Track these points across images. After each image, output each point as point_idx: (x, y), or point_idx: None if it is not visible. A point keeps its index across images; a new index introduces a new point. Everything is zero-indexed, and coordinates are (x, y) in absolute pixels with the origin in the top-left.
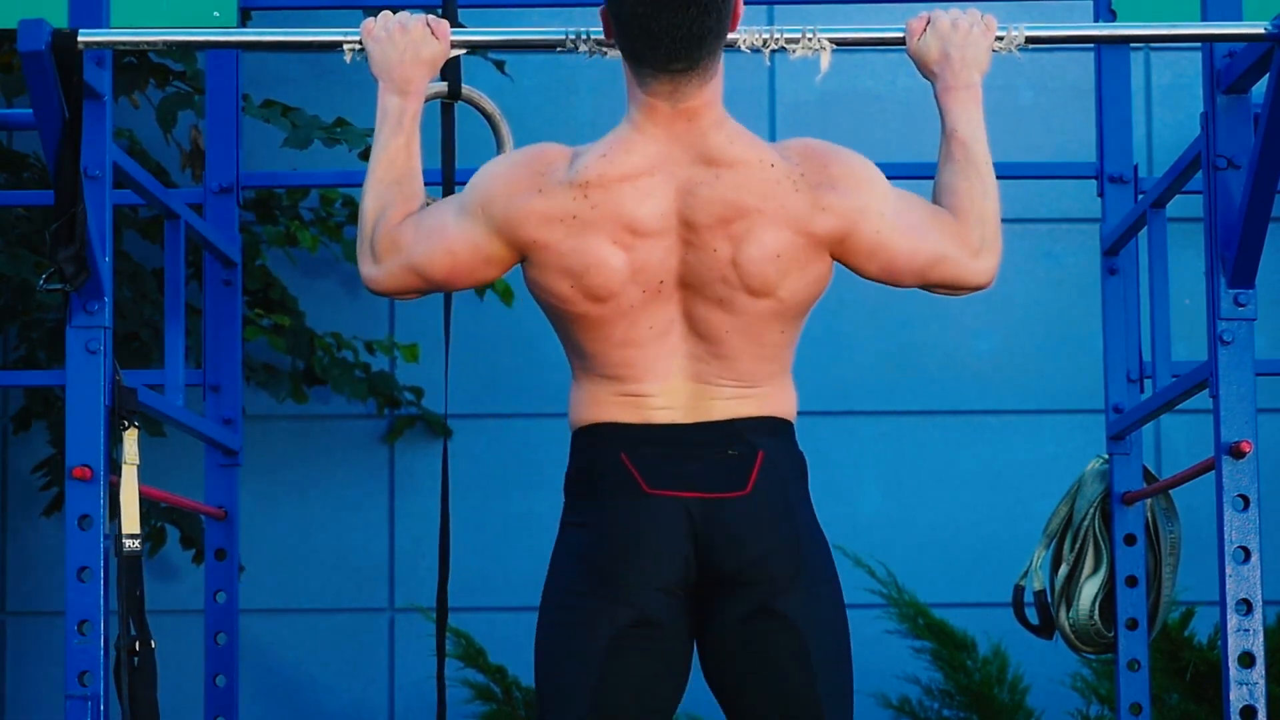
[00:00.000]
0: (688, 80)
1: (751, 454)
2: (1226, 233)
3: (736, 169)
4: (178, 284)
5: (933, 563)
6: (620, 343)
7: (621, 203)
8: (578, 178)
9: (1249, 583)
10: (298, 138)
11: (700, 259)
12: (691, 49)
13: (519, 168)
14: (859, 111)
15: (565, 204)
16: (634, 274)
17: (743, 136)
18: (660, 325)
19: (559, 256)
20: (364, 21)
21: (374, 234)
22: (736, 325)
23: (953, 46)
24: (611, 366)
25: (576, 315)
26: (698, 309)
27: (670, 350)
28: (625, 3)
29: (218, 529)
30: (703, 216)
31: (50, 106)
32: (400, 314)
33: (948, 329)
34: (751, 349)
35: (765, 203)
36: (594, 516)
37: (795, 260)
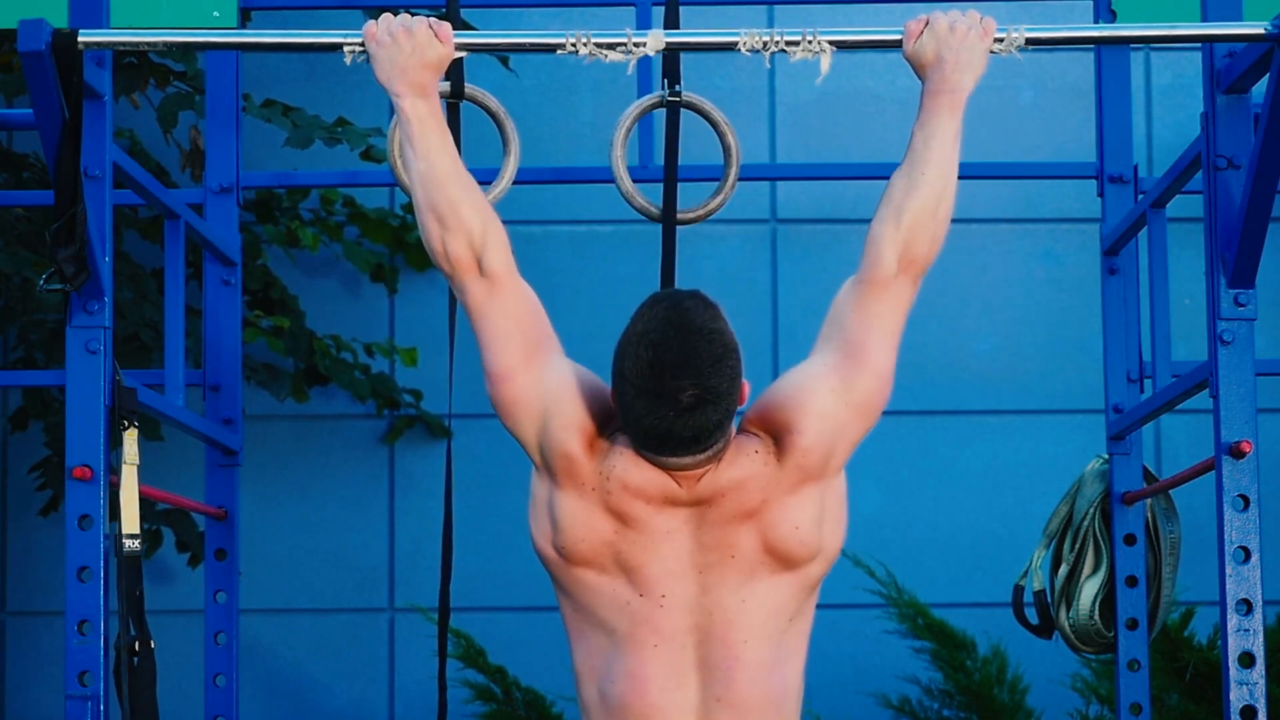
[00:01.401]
0: (698, 462)
1: None
2: (1226, 233)
3: (735, 484)
4: (178, 284)
5: (933, 563)
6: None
7: (631, 508)
8: (612, 471)
9: (1249, 583)
10: (299, 137)
11: (722, 574)
12: (697, 447)
13: (599, 413)
14: (859, 111)
15: (593, 475)
16: (622, 564)
17: (731, 451)
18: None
19: (557, 501)
20: (366, 25)
21: (485, 234)
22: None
23: (948, 49)
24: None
25: (565, 572)
26: (712, 626)
27: (676, 699)
28: (631, 410)
29: (218, 529)
30: (716, 531)
31: (50, 106)
32: (400, 316)
33: (948, 329)
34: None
35: (769, 491)
36: None
37: (818, 511)
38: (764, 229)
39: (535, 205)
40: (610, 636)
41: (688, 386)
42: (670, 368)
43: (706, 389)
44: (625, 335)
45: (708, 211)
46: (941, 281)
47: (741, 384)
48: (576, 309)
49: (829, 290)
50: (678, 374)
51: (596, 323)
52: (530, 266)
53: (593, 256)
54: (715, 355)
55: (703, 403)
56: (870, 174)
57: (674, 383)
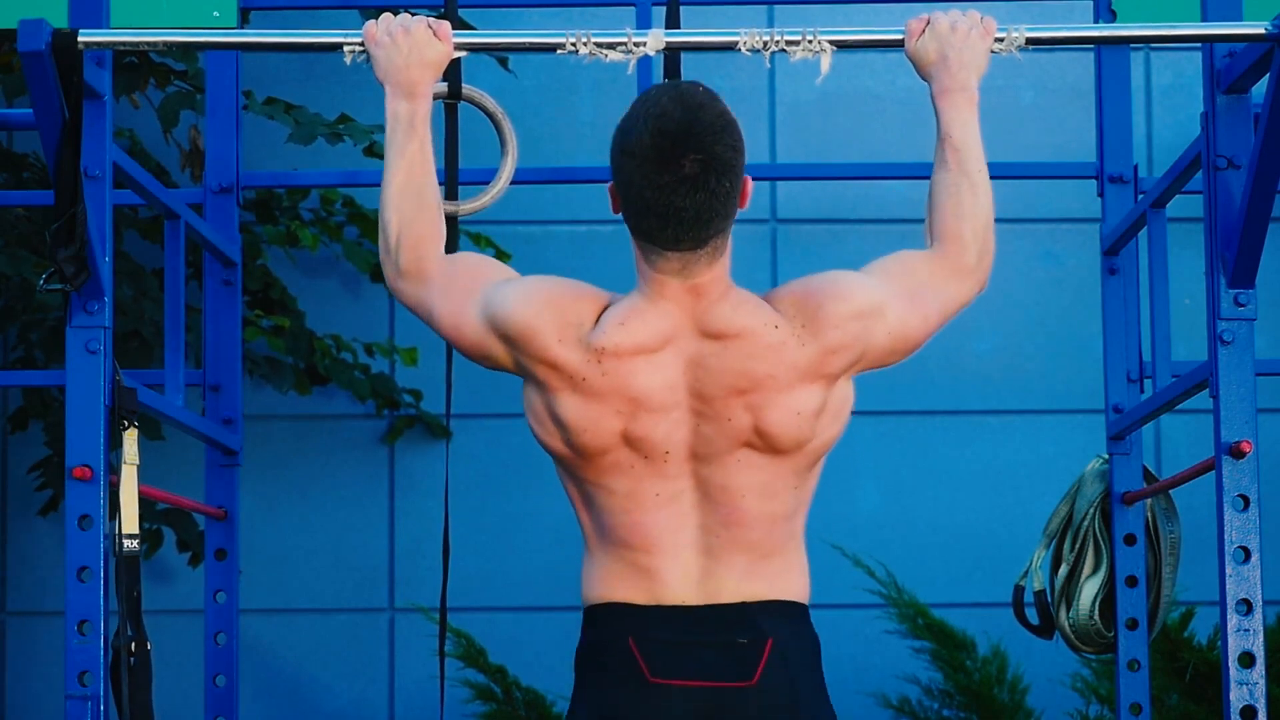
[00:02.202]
0: (696, 259)
1: (761, 641)
2: (1226, 233)
3: (743, 339)
4: (178, 284)
5: (933, 563)
6: (625, 503)
7: (632, 376)
8: (595, 343)
9: (1249, 583)
10: (301, 134)
11: (716, 429)
12: (700, 230)
13: (551, 309)
14: (859, 111)
15: (579, 363)
16: (631, 442)
17: (746, 303)
18: (667, 494)
19: (556, 406)
20: (365, 25)
21: (398, 247)
22: (754, 484)
23: (950, 49)
24: (620, 531)
25: (573, 462)
26: (711, 476)
27: (680, 521)
28: (633, 185)
29: (218, 529)
30: (715, 389)
31: (50, 106)
32: (400, 316)
33: (948, 329)
34: (765, 511)
35: (777, 368)
36: (597, 702)
37: (818, 407)
38: (764, 229)
39: (535, 205)
40: (612, 496)
41: (691, 153)
42: (673, 136)
43: (710, 155)
44: (626, 118)
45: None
46: None
47: (744, 176)
48: None
49: None
50: (681, 142)
51: None
52: (530, 267)
53: (593, 256)
54: (719, 125)
55: (707, 171)
56: (870, 174)
57: (677, 150)
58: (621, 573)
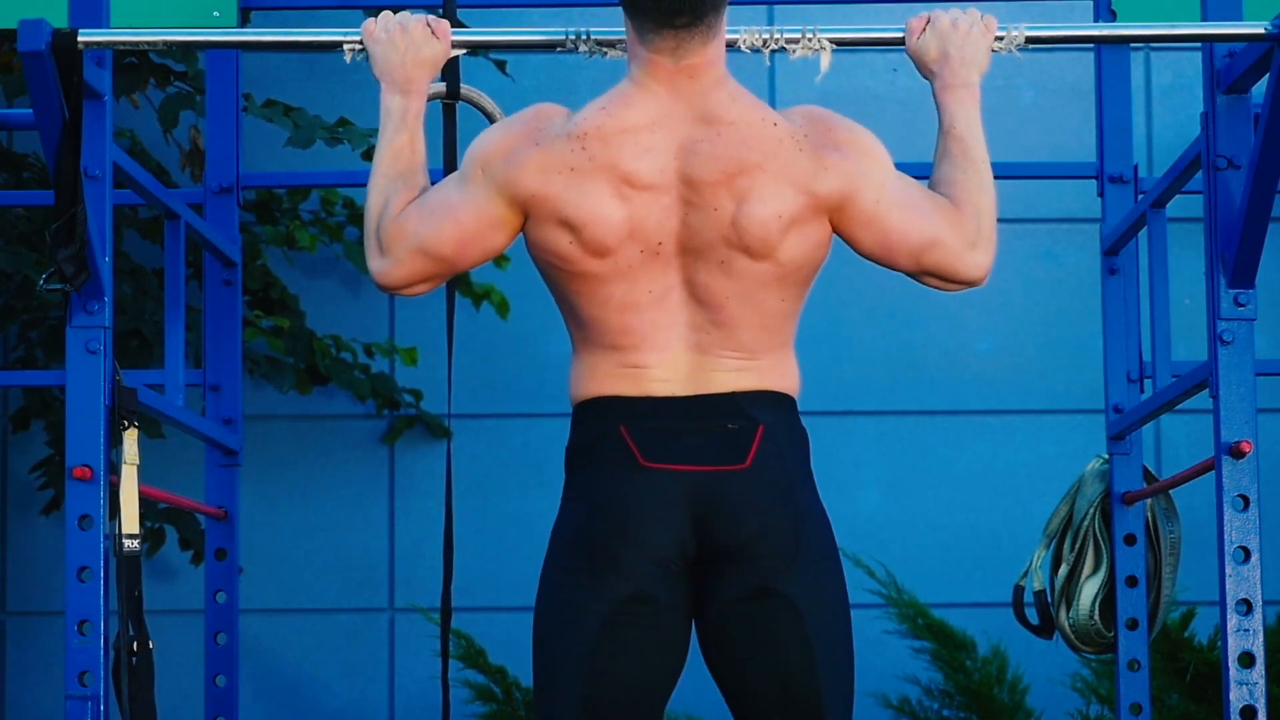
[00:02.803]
0: (690, 36)
1: (751, 428)
2: (1226, 233)
3: (738, 126)
4: (178, 284)
5: (933, 563)
6: (619, 307)
7: (620, 155)
8: (575, 129)
9: (1249, 583)
10: (300, 138)
11: (702, 219)
12: (696, 4)
13: (514, 125)
14: (859, 111)
15: (563, 155)
16: (632, 230)
17: (745, 96)
18: (659, 289)
19: (557, 208)
20: (364, 22)
21: (379, 226)
22: (737, 290)
23: (952, 46)
24: (610, 334)
25: (576, 274)
26: (698, 274)
27: (670, 318)
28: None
29: (218, 529)
30: (704, 173)
31: (50, 106)
32: (400, 316)
33: (948, 329)
34: (752, 317)
35: (768, 160)
36: (591, 490)
37: (796, 220)
38: None
39: None
40: (607, 303)
41: None
42: None
43: None
44: None
45: None
46: None
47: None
48: None
49: (828, 290)
50: None
51: None
52: (530, 266)
53: None
54: None
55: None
56: None
57: None
58: (611, 370)
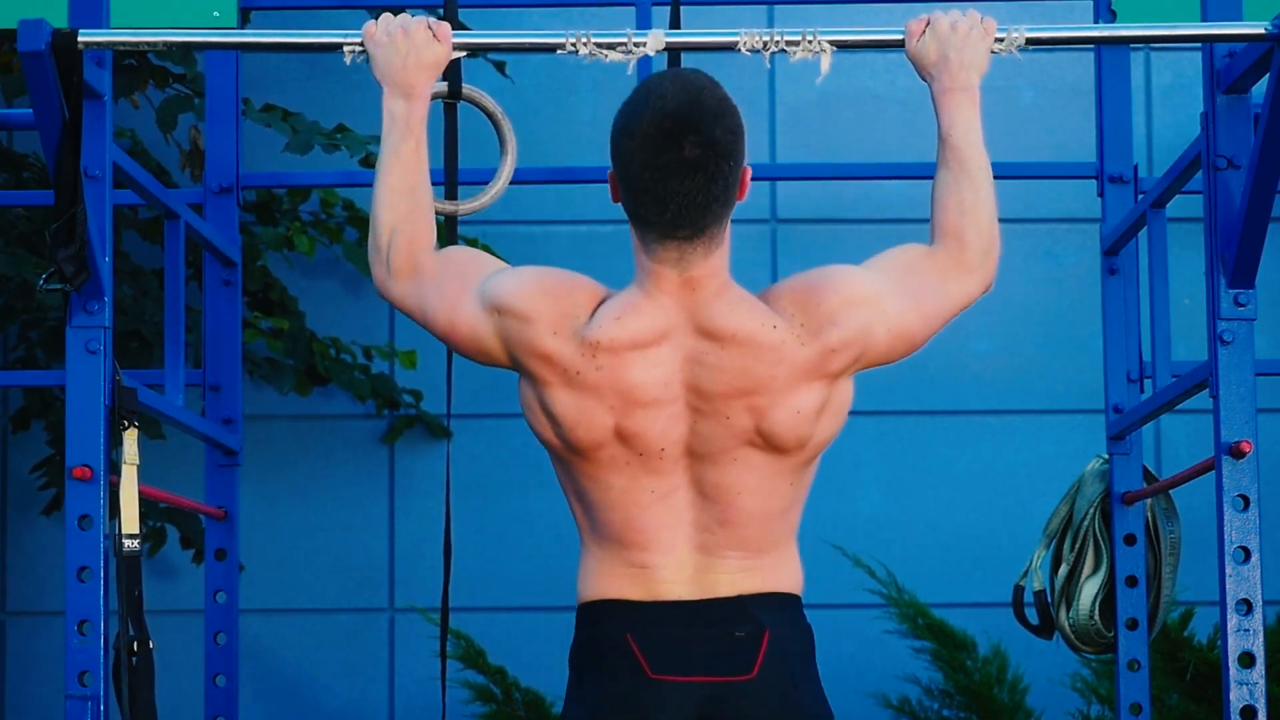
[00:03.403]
0: (693, 248)
1: (758, 633)
2: (1226, 233)
3: (740, 338)
4: (178, 284)
5: (933, 563)
6: (620, 499)
7: (626, 371)
8: (590, 336)
9: (1249, 583)
10: (298, 143)
11: (713, 426)
12: (697, 216)
13: (547, 298)
14: (859, 111)
15: (573, 356)
16: (626, 438)
17: (743, 302)
18: (663, 490)
19: (547, 400)
20: (365, 25)
21: (390, 246)
22: (751, 483)
23: (951, 49)
24: (614, 528)
25: (566, 457)
26: (707, 474)
27: (675, 518)
28: (632, 167)
29: (218, 529)
30: (713, 385)
31: (50, 106)
32: (400, 316)
33: (948, 329)
34: (761, 509)
35: (777, 369)
36: (597, 697)
37: (821, 407)
38: (764, 229)
39: (535, 205)
40: (608, 492)
41: (692, 137)
42: (675, 118)
43: (711, 140)
44: (628, 102)
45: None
46: None
47: (744, 165)
48: None
49: None
50: (682, 124)
51: None
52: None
53: (593, 256)
54: (720, 110)
55: (706, 155)
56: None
57: (678, 132)
58: (617, 570)
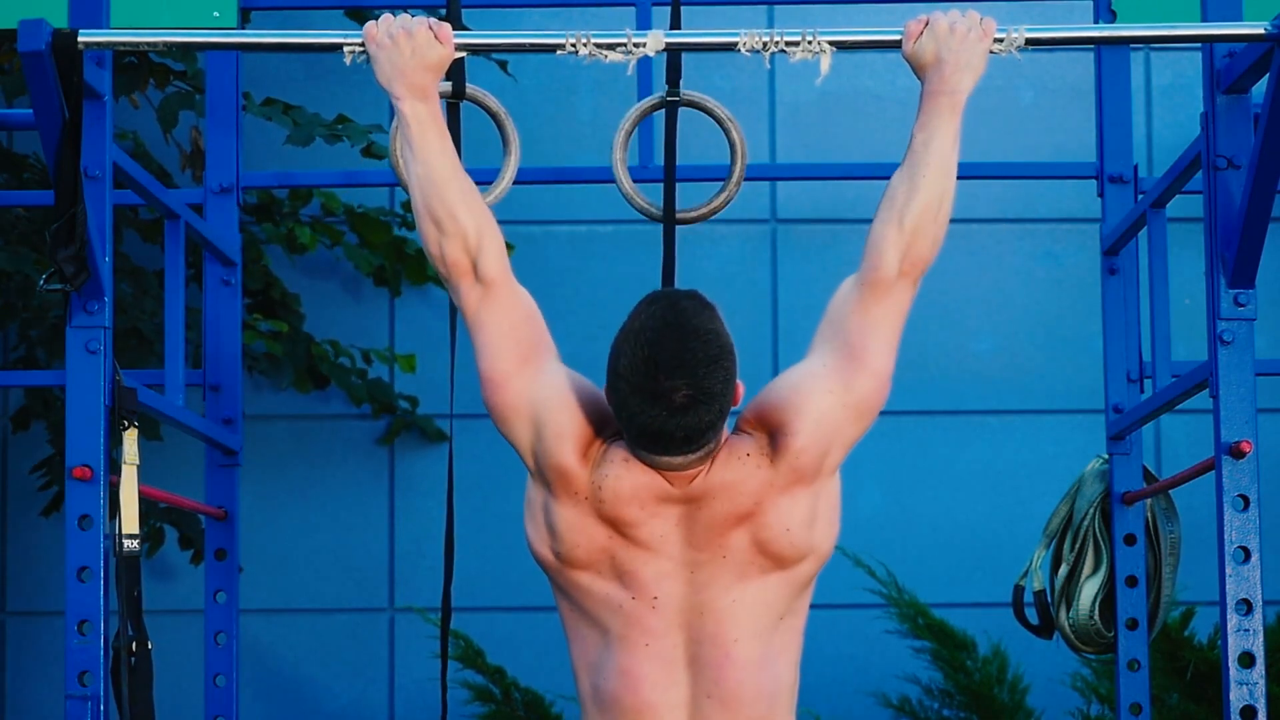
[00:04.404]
0: (685, 460)
1: None
2: (1226, 233)
3: (727, 487)
4: (178, 284)
5: (933, 563)
6: (616, 647)
7: (628, 515)
8: (600, 480)
9: (1249, 583)
10: (299, 135)
11: (712, 572)
12: (689, 446)
13: (594, 421)
14: (859, 111)
15: (586, 485)
16: (620, 573)
17: (723, 452)
18: (656, 646)
19: (553, 512)
20: (366, 26)
21: (480, 249)
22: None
23: (947, 50)
24: (610, 684)
25: (562, 581)
26: (704, 625)
27: (668, 696)
28: (624, 407)
29: (218, 529)
30: (707, 534)
31: (50, 106)
32: (400, 317)
33: (948, 329)
34: (757, 675)
35: (760, 494)
36: None
37: (809, 514)
38: (764, 229)
39: (535, 205)
40: (604, 636)
41: (681, 386)
42: (664, 367)
43: (700, 390)
44: (621, 333)
45: (711, 210)
46: (941, 281)
47: (736, 385)
48: (576, 309)
49: (829, 290)
50: (671, 373)
51: (596, 323)
52: (530, 266)
53: (593, 256)
54: (710, 356)
55: (696, 403)
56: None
57: (667, 382)
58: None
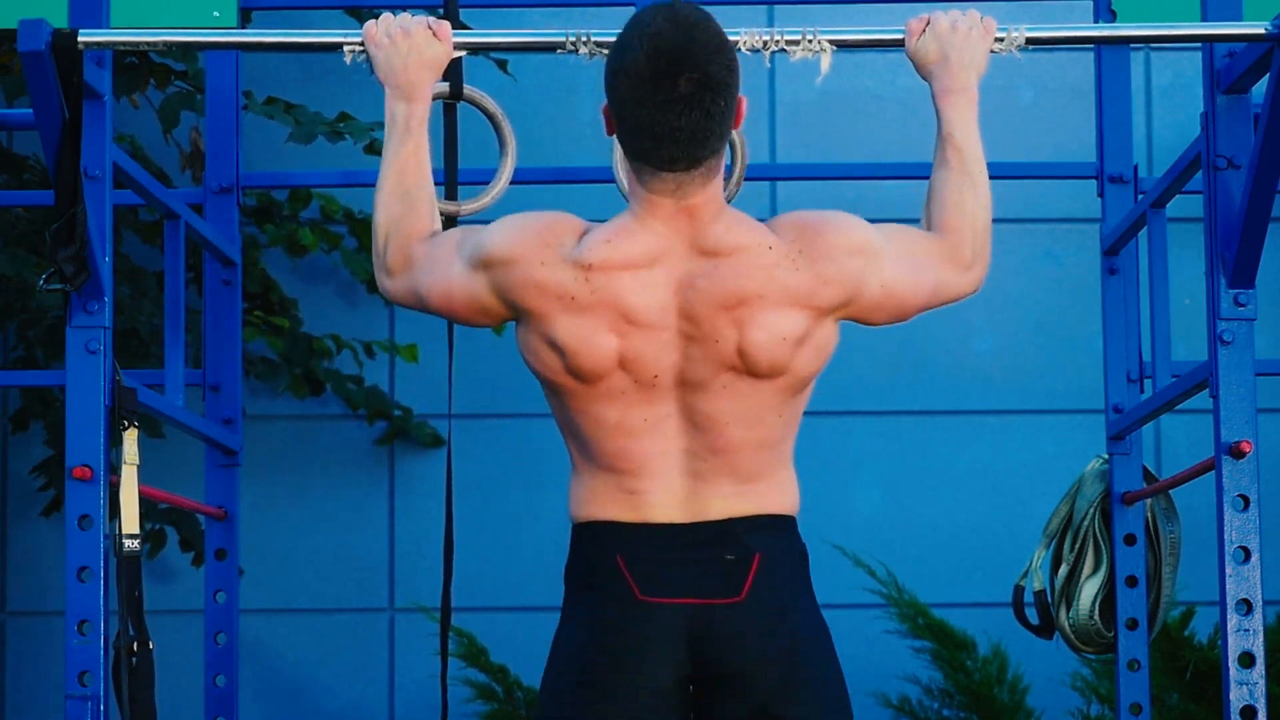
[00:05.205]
0: (690, 178)
1: (748, 557)
2: (1226, 233)
3: (735, 256)
4: (178, 284)
5: (933, 563)
6: (614, 430)
7: (621, 291)
8: (581, 258)
9: (1249, 583)
10: (301, 133)
11: (703, 351)
12: (694, 149)
13: (530, 234)
14: (859, 111)
15: (566, 282)
16: (625, 363)
17: (740, 223)
18: (655, 418)
19: (550, 331)
20: (365, 25)
21: (386, 248)
22: (738, 413)
23: (951, 48)
24: (607, 457)
25: (567, 390)
26: (698, 402)
27: (667, 445)
28: (627, 104)
29: (218, 529)
30: (703, 307)
31: (50, 106)
32: (400, 321)
33: (948, 329)
34: (752, 439)
35: (767, 287)
36: (588, 617)
37: (802, 338)
38: None
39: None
40: (601, 424)
41: (686, 72)
42: (669, 54)
43: (705, 75)
44: (621, 38)
45: None
46: None
47: (739, 98)
48: None
49: None
50: (676, 60)
51: None
52: None
53: None
54: (714, 45)
55: (702, 90)
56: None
57: (673, 68)
58: (609, 494)
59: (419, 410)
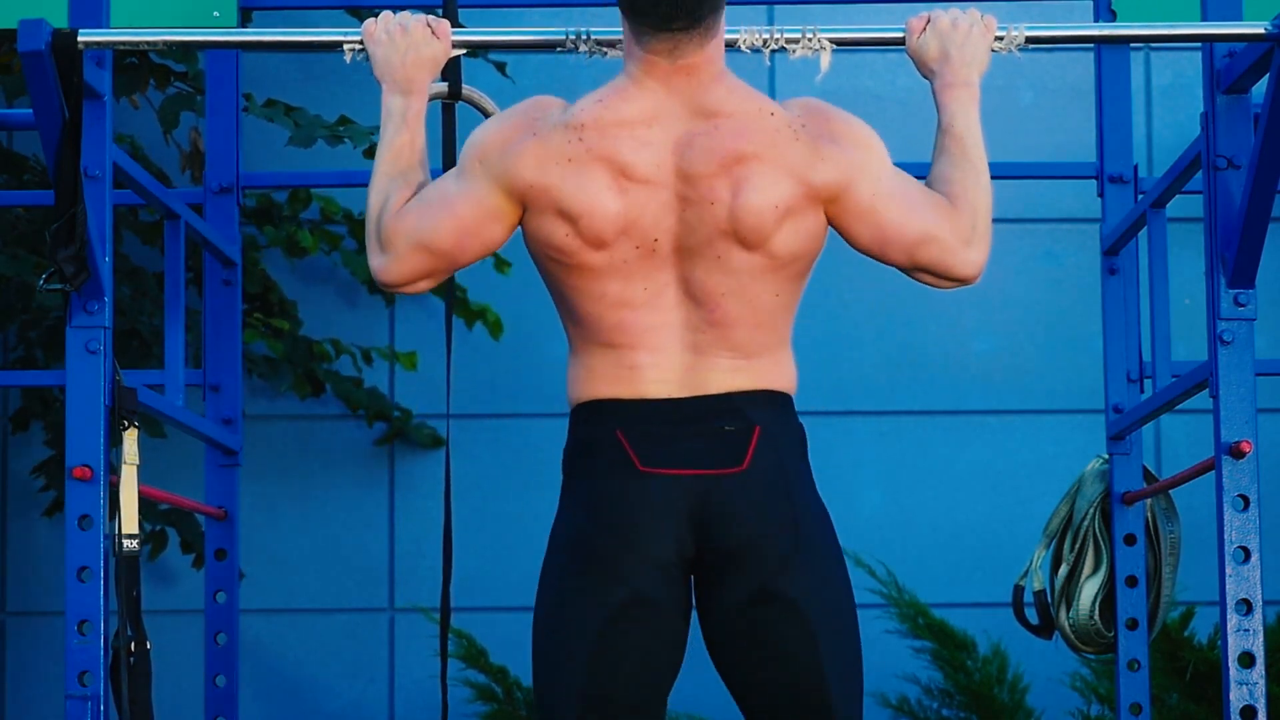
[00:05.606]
0: (688, 38)
1: (748, 430)
2: (1226, 233)
3: (735, 117)
4: (178, 284)
5: (933, 563)
6: (614, 304)
7: (617, 147)
8: (573, 120)
9: (1249, 583)
10: (301, 136)
11: (699, 214)
12: (693, 7)
13: (510, 117)
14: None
15: (560, 145)
16: (628, 224)
17: (742, 88)
18: (654, 287)
19: (556, 199)
20: (365, 23)
21: (379, 223)
22: (732, 286)
23: (952, 46)
24: (606, 332)
25: (573, 268)
26: (694, 271)
27: (665, 318)
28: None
29: (218, 529)
30: (701, 166)
31: (50, 106)
32: (400, 322)
33: (948, 329)
34: (747, 314)
35: (764, 149)
36: (589, 495)
37: (790, 210)
38: None
39: None
40: (601, 300)
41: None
42: None
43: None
44: None
45: None
46: None
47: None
48: None
49: (828, 290)
50: None
51: None
52: (530, 267)
53: None
54: None
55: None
56: None
57: None
58: (607, 372)
59: (418, 411)
